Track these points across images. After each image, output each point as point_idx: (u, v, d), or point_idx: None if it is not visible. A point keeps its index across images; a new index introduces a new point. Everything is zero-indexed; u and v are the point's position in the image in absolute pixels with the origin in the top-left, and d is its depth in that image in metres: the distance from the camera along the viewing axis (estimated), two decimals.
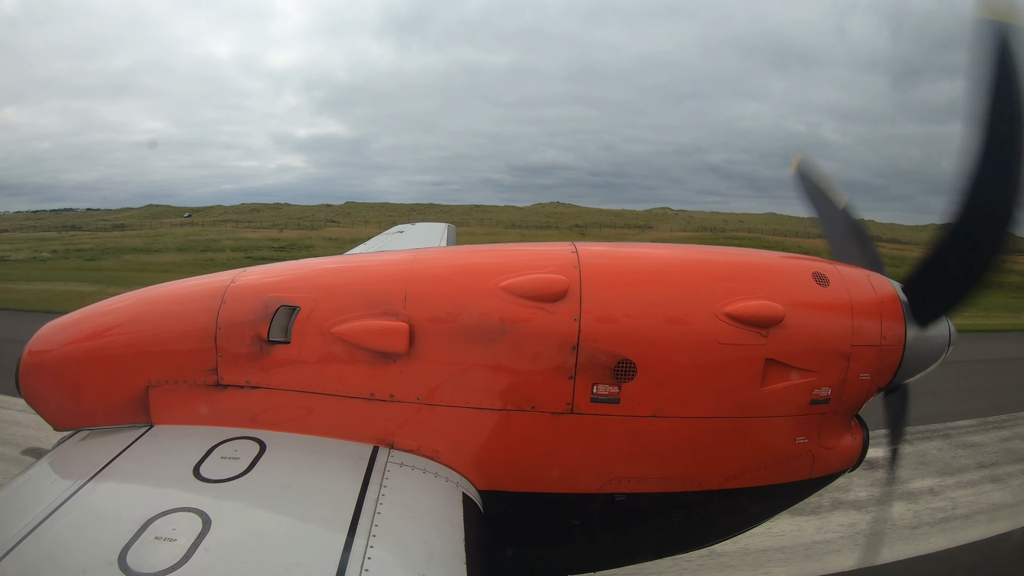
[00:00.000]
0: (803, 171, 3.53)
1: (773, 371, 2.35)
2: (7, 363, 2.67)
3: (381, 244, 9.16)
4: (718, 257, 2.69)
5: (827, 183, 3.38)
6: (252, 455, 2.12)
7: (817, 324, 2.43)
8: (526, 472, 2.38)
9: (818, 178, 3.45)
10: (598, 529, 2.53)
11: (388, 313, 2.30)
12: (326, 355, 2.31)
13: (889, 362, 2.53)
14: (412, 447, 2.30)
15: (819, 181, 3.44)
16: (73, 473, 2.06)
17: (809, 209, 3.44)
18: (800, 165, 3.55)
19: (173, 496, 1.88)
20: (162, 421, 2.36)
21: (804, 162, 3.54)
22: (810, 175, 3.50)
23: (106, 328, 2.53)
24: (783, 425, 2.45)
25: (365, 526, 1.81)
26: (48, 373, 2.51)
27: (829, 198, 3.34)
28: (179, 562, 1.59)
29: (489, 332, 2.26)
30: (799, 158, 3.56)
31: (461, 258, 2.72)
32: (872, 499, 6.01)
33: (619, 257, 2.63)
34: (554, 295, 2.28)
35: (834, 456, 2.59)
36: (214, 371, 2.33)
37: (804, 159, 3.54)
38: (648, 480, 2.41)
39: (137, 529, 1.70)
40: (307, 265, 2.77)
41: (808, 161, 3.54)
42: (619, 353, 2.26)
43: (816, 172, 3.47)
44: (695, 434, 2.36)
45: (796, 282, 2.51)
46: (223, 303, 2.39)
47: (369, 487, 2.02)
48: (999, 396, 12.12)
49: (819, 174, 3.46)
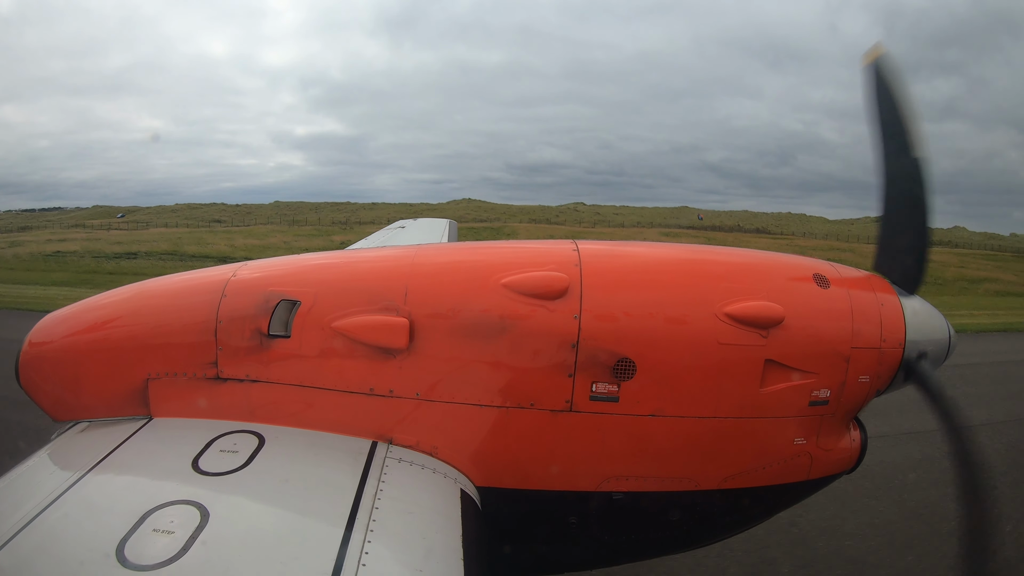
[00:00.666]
0: (880, 68, 2.69)
1: (773, 372, 2.35)
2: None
3: (382, 240, 9.16)
4: (719, 257, 2.68)
5: (908, 113, 2.61)
6: (251, 449, 2.12)
7: (817, 325, 2.43)
8: (524, 469, 2.38)
9: (898, 90, 2.64)
10: (596, 527, 2.53)
11: (388, 309, 2.29)
12: (326, 350, 2.31)
13: (889, 365, 2.53)
14: (411, 443, 2.30)
15: (899, 102, 2.63)
16: (71, 465, 2.06)
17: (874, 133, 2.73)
18: (879, 60, 2.69)
19: (171, 488, 1.88)
20: (161, 414, 2.37)
21: (884, 58, 2.69)
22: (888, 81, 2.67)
23: (106, 320, 2.53)
24: (782, 426, 2.45)
25: (363, 521, 1.81)
26: (48, 365, 2.51)
27: (904, 135, 2.61)
28: (177, 554, 1.59)
29: (489, 329, 2.26)
30: (879, 49, 2.70)
31: (462, 254, 2.72)
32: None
33: (620, 256, 2.62)
34: (555, 293, 2.28)
35: (832, 458, 2.59)
36: (214, 364, 2.33)
37: (883, 52, 2.69)
38: (646, 479, 2.41)
39: (135, 521, 1.70)
40: (308, 259, 2.77)
41: (889, 58, 2.68)
42: (619, 352, 2.25)
43: (899, 86, 2.64)
44: (694, 434, 2.37)
45: (797, 283, 2.51)
46: (224, 297, 2.39)
47: (367, 482, 2.02)
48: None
49: (902, 91, 2.63)
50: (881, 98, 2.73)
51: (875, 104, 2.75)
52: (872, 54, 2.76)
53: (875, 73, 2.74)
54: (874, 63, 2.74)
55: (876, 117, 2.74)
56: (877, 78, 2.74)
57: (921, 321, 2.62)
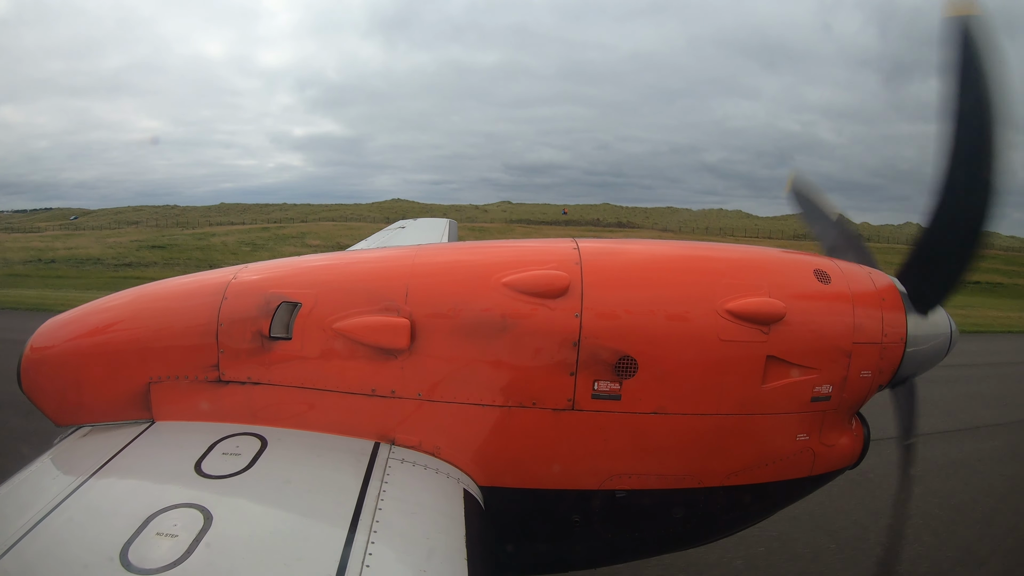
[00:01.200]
0: (797, 188, 3.64)
1: (774, 368, 2.35)
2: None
3: (383, 240, 9.16)
4: (719, 254, 2.68)
5: (820, 197, 3.51)
6: (253, 451, 2.12)
7: (818, 321, 2.43)
8: (527, 468, 2.38)
9: (812, 193, 3.57)
10: (599, 525, 2.53)
11: (389, 309, 2.29)
12: (327, 351, 2.30)
13: (890, 359, 2.52)
14: (413, 443, 2.30)
15: (813, 196, 3.56)
16: (75, 469, 2.06)
17: (807, 224, 3.57)
18: (794, 183, 3.66)
19: (175, 492, 1.88)
20: (163, 417, 2.37)
21: (798, 179, 3.66)
22: (804, 191, 3.61)
23: (108, 324, 2.53)
24: (784, 422, 2.44)
25: (366, 522, 1.81)
26: (50, 369, 2.51)
27: (823, 211, 3.44)
28: (180, 558, 1.60)
29: (490, 328, 2.26)
30: (792, 177, 3.69)
31: (462, 254, 2.72)
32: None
33: (620, 253, 2.62)
34: (556, 291, 2.28)
35: (835, 454, 2.59)
36: (216, 367, 2.33)
37: (798, 177, 3.67)
38: (649, 477, 2.41)
39: (139, 525, 1.70)
40: (309, 261, 2.77)
41: (802, 178, 3.66)
42: (620, 350, 2.25)
43: (810, 188, 3.60)
44: (696, 431, 2.36)
45: (797, 279, 2.51)
46: (224, 299, 2.39)
47: (370, 483, 2.02)
48: None
49: (813, 189, 3.59)
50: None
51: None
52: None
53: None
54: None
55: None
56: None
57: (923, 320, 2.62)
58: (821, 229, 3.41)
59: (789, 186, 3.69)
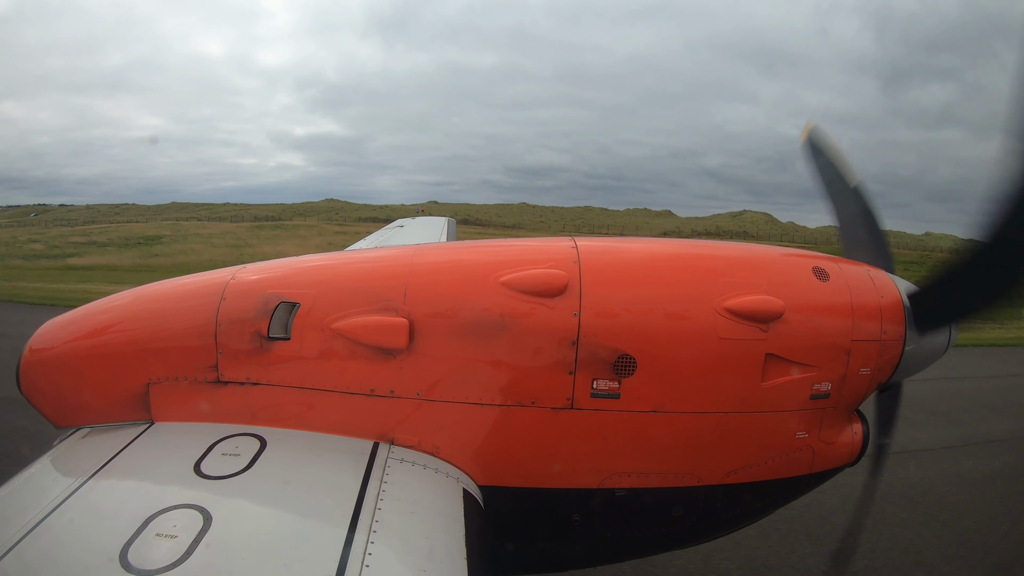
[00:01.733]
0: (814, 141, 3.28)
1: (773, 366, 2.35)
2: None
3: (382, 239, 9.15)
4: (718, 252, 2.68)
5: (839, 157, 3.15)
6: (253, 451, 2.12)
7: (817, 319, 2.43)
8: (526, 467, 2.39)
9: (830, 151, 3.21)
10: (599, 524, 2.53)
11: (388, 309, 2.29)
12: (326, 351, 2.30)
13: (889, 357, 2.53)
14: (412, 443, 2.31)
15: (831, 154, 3.20)
16: (74, 470, 2.06)
17: (818, 184, 3.24)
18: (811, 134, 3.29)
19: (174, 493, 1.88)
20: (163, 418, 2.37)
21: (816, 131, 3.28)
22: (822, 146, 3.24)
23: (106, 325, 2.53)
24: (783, 420, 2.45)
25: (366, 522, 1.82)
26: (49, 370, 2.51)
27: (841, 174, 3.12)
28: (180, 559, 1.60)
29: (489, 327, 2.26)
30: (810, 125, 3.30)
31: (461, 253, 2.72)
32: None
33: (619, 252, 2.62)
34: (554, 290, 2.27)
35: (835, 451, 2.59)
36: (214, 368, 2.33)
37: (816, 128, 3.28)
38: (648, 475, 2.41)
39: (138, 526, 1.71)
40: (307, 261, 2.77)
41: (820, 130, 3.27)
42: (619, 348, 2.25)
43: (828, 143, 3.23)
44: (695, 429, 2.37)
45: (796, 277, 2.51)
46: (223, 300, 2.39)
47: (370, 483, 2.03)
48: None
49: (831, 146, 3.21)
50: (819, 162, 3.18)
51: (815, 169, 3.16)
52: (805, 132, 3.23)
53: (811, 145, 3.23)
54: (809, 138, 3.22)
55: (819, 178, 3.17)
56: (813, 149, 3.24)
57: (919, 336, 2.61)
58: (835, 195, 3.14)
59: (805, 135, 3.32)
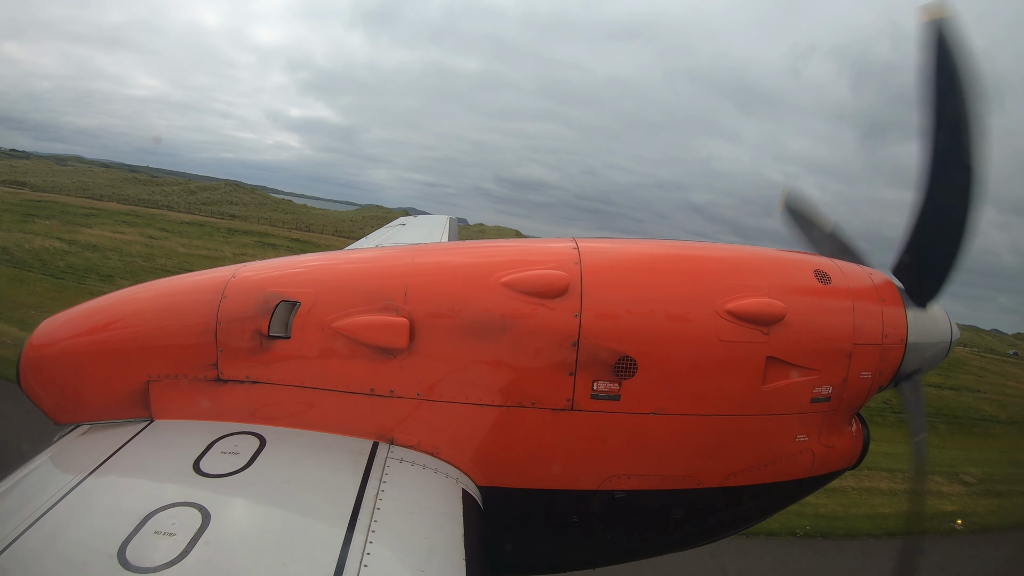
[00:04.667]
0: (791, 204, 3.60)
1: (774, 369, 2.35)
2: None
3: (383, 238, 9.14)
4: (719, 254, 2.67)
5: (814, 210, 3.46)
6: (252, 450, 2.12)
7: (819, 322, 2.42)
8: (526, 468, 2.38)
9: (805, 208, 3.52)
10: (598, 526, 2.53)
11: (388, 308, 2.29)
12: (326, 350, 2.30)
13: (890, 360, 2.52)
14: (412, 443, 2.30)
15: (806, 210, 3.50)
16: (74, 467, 2.06)
17: (801, 240, 3.49)
18: (788, 199, 3.62)
19: (173, 491, 1.88)
20: (162, 416, 2.37)
21: (791, 195, 3.62)
22: (798, 206, 3.56)
23: (107, 323, 2.53)
24: (784, 423, 2.44)
25: (364, 521, 1.82)
26: (49, 367, 2.51)
27: (818, 224, 3.38)
28: (178, 556, 1.60)
29: (490, 328, 2.26)
30: (786, 192, 3.65)
31: (462, 254, 2.71)
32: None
33: (620, 253, 2.61)
34: (555, 291, 2.27)
35: (835, 454, 2.58)
36: (214, 366, 2.32)
37: (791, 193, 3.62)
38: (648, 477, 2.41)
39: (137, 523, 1.71)
40: (308, 260, 2.76)
41: (795, 194, 3.62)
42: (620, 350, 2.25)
43: (803, 203, 3.56)
44: (696, 432, 2.36)
45: (798, 279, 2.50)
46: (223, 298, 2.38)
47: (369, 482, 2.02)
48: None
49: (806, 204, 3.54)
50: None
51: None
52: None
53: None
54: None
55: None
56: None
57: (923, 315, 2.62)
58: (817, 241, 3.36)
59: (783, 203, 3.64)
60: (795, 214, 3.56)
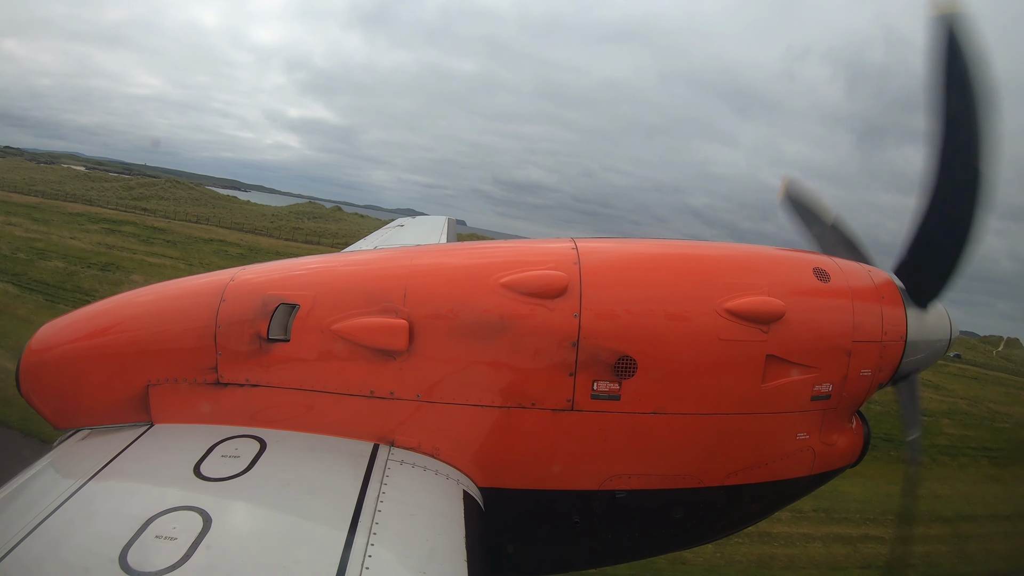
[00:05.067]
0: (791, 193, 3.54)
1: (774, 367, 2.35)
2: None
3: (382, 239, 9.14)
4: (718, 253, 2.67)
5: (815, 201, 3.40)
6: (252, 453, 2.12)
7: (818, 320, 2.43)
8: (527, 469, 2.38)
9: (806, 198, 3.45)
10: (599, 526, 2.53)
11: (387, 310, 2.29)
12: (326, 353, 2.30)
13: (890, 358, 2.52)
14: (412, 444, 2.30)
15: (807, 201, 3.44)
16: (74, 472, 2.06)
17: (801, 229, 3.44)
18: (788, 188, 3.55)
19: (174, 495, 1.88)
20: (162, 420, 2.36)
21: (792, 185, 3.55)
22: (798, 196, 3.50)
23: (106, 327, 2.52)
24: (784, 421, 2.44)
25: (366, 524, 1.82)
26: (48, 372, 2.51)
27: (819, 215, 3.33)
28: (179, 561, 1.60)
29: (489, 329, 2.26)
30: (787, 181, 3.56)
31: (461, 255, 2.71)
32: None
33: (619, 253, 2.61)
34: (554, 291, 2.27)
35: (835, 452, 2.59)
36: (214, 369, 2.32)
37: (792, 181, 3.55)
38: (649, 477, 2.41)
39: (138, 528, 1.71)
40: (306, 262, 2.76)
41: (795, 183, 3.55)
42: (620, 350, 2.25)
43: (804, 192, 3.49)
44: (696, 431, 2.36)
45: (797, 277, 2.51)
46: (223, 301, 2.38)
47: (369, 485, 2.02)
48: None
49: (807, 194, 3.47)
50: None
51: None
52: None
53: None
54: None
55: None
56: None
57: (922, 314, 2.62)
58: (818, 234, 3.33)
59: (783, 192, 3.59)
60: (796, 204, 3.51)
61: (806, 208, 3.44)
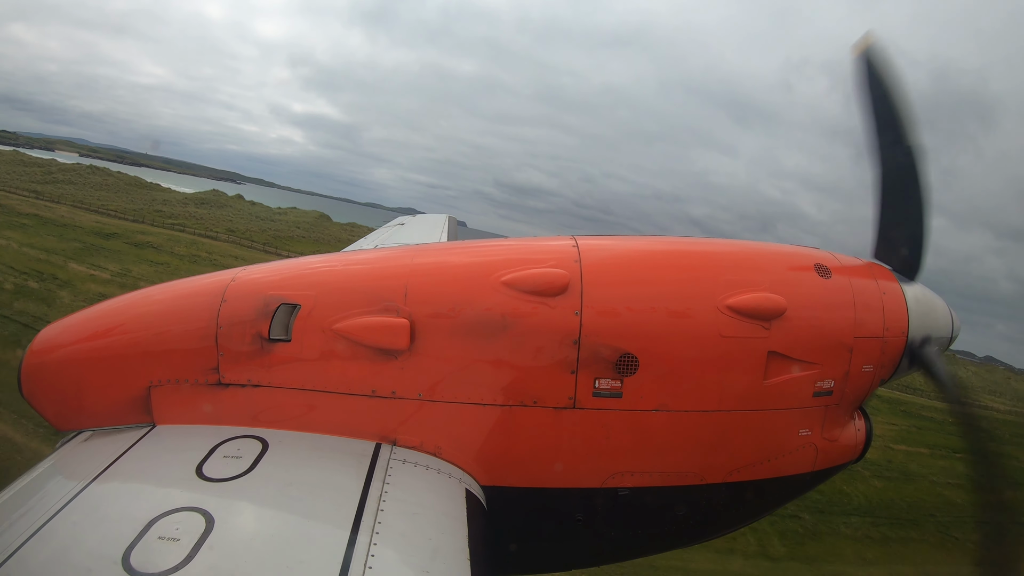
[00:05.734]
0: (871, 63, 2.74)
1: (776, 364, 2.35)
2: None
3: (383, 237, 9.13)
4: (719, 249, 2.67)
5: (900, 103, 2.67)
6: (255, 454, 2.12)
7: (819, 316, 2.42)
8: (529, 467, 2.38)
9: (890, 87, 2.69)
10: (602, 524, 2.53)
11: (389, 309, 2.29)
12: (327, 352, 2.30)
13: (892, 353, 2.52)
14: (414, 443, 2.30)
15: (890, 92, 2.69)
16: (77, 474, 2.06)
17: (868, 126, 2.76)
18: (869, 51, 2.74)
19: (176, 496, 1.88)
20: (164, 421, 2.36)
21: (874, 50, 2.73)
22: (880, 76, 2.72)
23: (107, 329, 2.52)
24: (786, 418, 2.44)
25: (368, 523, 1.82)
26: (50, 374, 2.51)
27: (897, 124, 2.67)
28: (183, 562, 1.60)
29: (490, 327, 2.25)
30: (869, 39, 2.74)
31: (461, 253, 2.71)
32: None
33: (620, 250, 2.61)
34: (555, 289, 2.27)
35: (838, 448, 2.59)
36: (215, 370, 2.32)
37: (875, 45, 2.73)
38: (651, 474, 2.41)
39: (141, 529, 1.71)
40: (307, 262, 2.76)
41: (879, 51, 2.72)
42: (621, 347, 2.25)
43: (886, 68, 2.70)
44: (698, 428, 2.36)
45: (798, 274, 2.50)
46: (224, 302, 2.38)
47: (372, 484, 2.03)
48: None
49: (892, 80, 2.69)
50: (872, 88, 2.76)
51: (866, 94, 2.77)
52: (862, 44, 2.77)
53: (865, 63, 2.78)
54: (864, 53, 2.76)
55: (868, 107, 2.76)
56: (868, 68, 2.77)
57: (923, 308, 2.62)
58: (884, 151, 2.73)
59: (861, 48, 2.77)
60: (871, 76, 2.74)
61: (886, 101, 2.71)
